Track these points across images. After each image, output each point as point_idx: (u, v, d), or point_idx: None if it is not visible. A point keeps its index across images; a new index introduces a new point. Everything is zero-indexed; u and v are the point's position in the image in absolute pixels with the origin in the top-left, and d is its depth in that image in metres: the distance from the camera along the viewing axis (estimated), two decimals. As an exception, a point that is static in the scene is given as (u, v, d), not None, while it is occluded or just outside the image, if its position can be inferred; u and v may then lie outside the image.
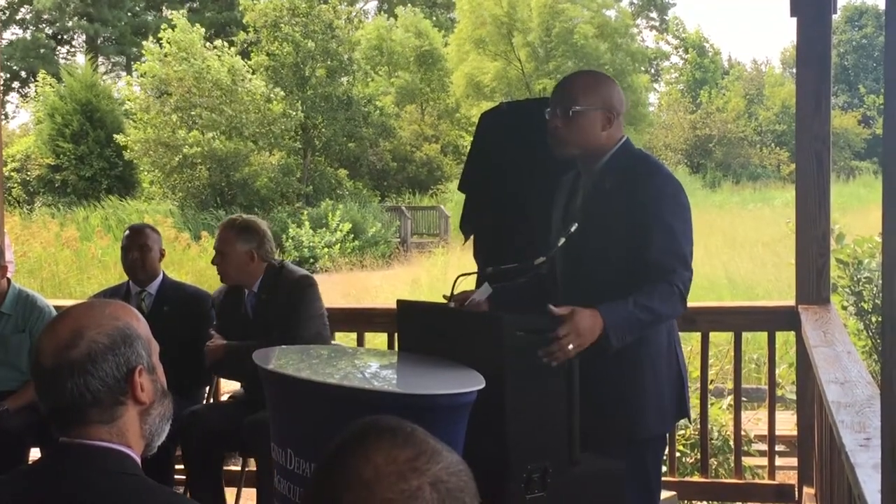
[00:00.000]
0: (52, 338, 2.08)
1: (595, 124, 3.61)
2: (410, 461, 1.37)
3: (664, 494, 4.02)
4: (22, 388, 5.29)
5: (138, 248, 5.38)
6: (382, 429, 1.43)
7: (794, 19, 5.22)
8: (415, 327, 3.86)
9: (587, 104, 3.60)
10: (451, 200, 32.73)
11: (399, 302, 3.96)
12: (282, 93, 32.35)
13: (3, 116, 6.57)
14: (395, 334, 5.60)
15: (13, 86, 49.43)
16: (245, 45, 34.39)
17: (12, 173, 30.32)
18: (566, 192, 3.82)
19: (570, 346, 3.27)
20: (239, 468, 5.46)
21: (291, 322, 4.84)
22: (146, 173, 31.49)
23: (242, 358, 4.63)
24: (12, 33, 48.36)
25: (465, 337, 3.52)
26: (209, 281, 18.74)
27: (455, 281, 3.75)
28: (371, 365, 4.08)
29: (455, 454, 1.43)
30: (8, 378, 5.37)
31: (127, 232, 5.50)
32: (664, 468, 5.17)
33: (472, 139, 5.29)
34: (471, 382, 3.19)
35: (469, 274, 4.00)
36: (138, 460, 2.10)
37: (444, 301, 3.79)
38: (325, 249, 26.62)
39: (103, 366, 2.05)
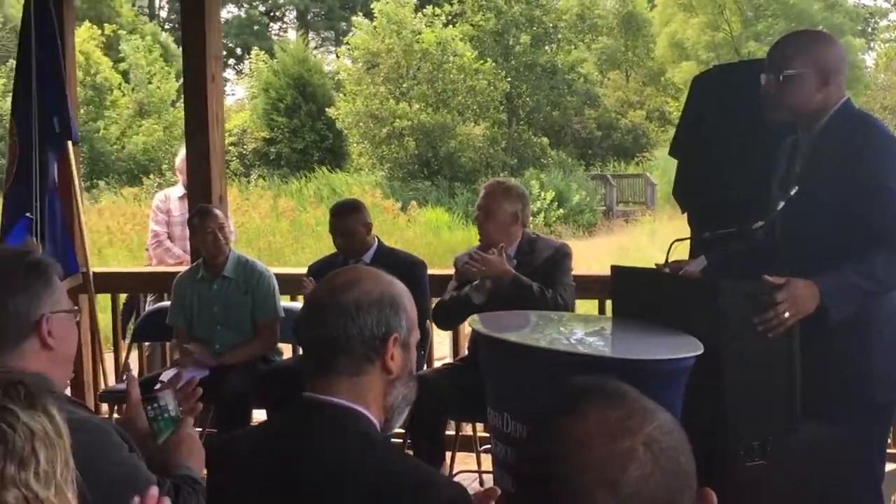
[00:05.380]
0: (331, 282, 2.23)
1: (808, 87, 3.50)
2: (622, 421, 1.38)
3: (889, 467, 3.87)
4: (242, 344, 5.58)
5: (341, 234, 5.51)
6: (595, 390, 1.44)
7: None
8: (630, 293, 3.85)
9: (799, 67, 3.50)
10: (658, 168, 32.16)
11: (613, 268, 3.95)
12: (489, 63, 32.47)
13: (224, 92, 6.93)
14: (606, 301, 5.59)
15: (229, 62, 51.26)
16: (450, 17, 34.61)
17: (230, 147, 31.33)
18: (786, 156, 3.72)
19: (787, 315, 3.21)
20: (453, 433, 5.54)
21: (549, 285, 4.83)
22: (355, 145, 32.17)
23: (524, 292, 4.71)
24: (228, 11, 50.17)
25: (681, 303, 3.49)
26: (418, 251, 19.02)
27: (670, 247, 3.72)
28: (587, 330, 4.08)
29: (668, 414, 1.43)
30: (231, 339, 5.65)
31: (332, 217, 5.60)
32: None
33: (682, 104, 5.20)
34: (687, 348, 3.16)
35: (684, 239, 3.96)
36: (377, 425, 2.17)
37: (658, 268, 3.77)
38: (529, 219, 26.59)
39: (365, 317, 2.14)
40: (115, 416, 5.87)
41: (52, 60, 6.00)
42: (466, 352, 5.59)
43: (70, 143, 6.16)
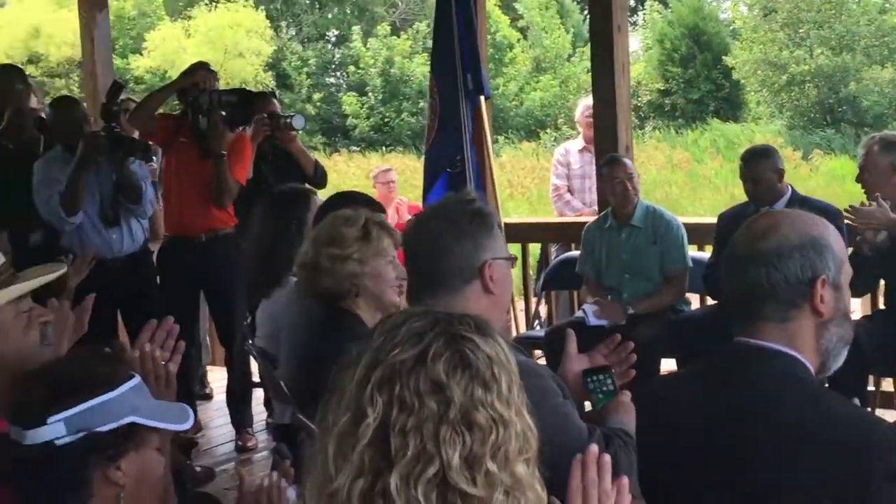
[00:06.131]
0: (749, 230, 2.19)
1: None
2: None
3: None
4: (652, 294, 5.64)
5: (751, 180, 5.37)
6: None
7: None
8: None
9: None
10: None
11: None
12: (900, 2, 30.42)
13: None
14: None
15: (624, 15, 51.00)
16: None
17: (625, 99, 31.39)
18: None
19: None
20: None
21: None
22: (753, 94, 31.26)
23: None
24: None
25: None
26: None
27: None
28: None
29: None
30: (639, 287, 5.71)
31: (742, 162, 5.48)
32: None
33: None
34: None
35: None
36: (812, 369, 2.11)
37: None
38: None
39: (788, 262, 2.08)
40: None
41: (466, 20, 6.27)
42: (882, 305, 5.36)
43: (482, 98, 6.42)
